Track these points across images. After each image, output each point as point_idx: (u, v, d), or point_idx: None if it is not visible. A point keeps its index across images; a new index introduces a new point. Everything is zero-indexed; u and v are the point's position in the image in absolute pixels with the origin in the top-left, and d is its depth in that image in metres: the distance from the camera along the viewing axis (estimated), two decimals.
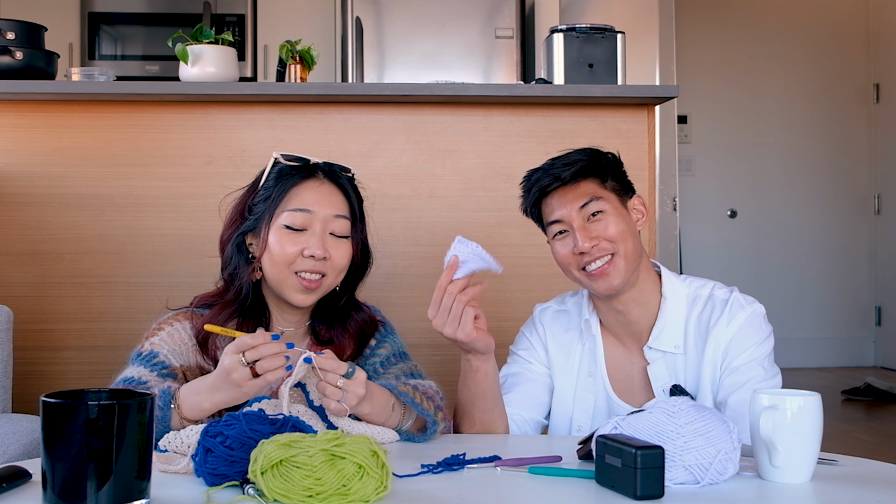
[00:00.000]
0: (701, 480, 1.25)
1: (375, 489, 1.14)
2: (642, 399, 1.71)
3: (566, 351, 1.79)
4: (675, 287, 1.74)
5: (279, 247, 1.60)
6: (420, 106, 2.56)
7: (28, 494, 1.18)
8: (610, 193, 1.70)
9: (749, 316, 1.68)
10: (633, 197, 1.75)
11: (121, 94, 2.48)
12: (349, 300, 1.72)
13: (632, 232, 1.69)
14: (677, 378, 1.70)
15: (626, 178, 1.76)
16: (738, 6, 6.16)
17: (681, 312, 1.72)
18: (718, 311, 1.69)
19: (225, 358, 1.41)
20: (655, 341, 1.70)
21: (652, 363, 1.71)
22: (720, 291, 1.73)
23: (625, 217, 1.70)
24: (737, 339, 1.67)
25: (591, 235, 1.66)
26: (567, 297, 1.87)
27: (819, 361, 6.04)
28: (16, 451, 1.77)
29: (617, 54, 2.63)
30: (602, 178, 1.70)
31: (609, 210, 1.68)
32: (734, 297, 1.71)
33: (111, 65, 4.73)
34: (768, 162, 6.13)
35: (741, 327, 1.67)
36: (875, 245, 6.14)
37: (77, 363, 2.46)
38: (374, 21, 4.47)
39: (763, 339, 1.68)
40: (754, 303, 1.71)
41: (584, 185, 1.69)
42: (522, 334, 1.87)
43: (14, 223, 2.47)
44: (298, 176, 1.63)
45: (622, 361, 1.75)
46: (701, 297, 1.73)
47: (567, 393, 1.78)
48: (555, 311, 1.85)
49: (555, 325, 1.83)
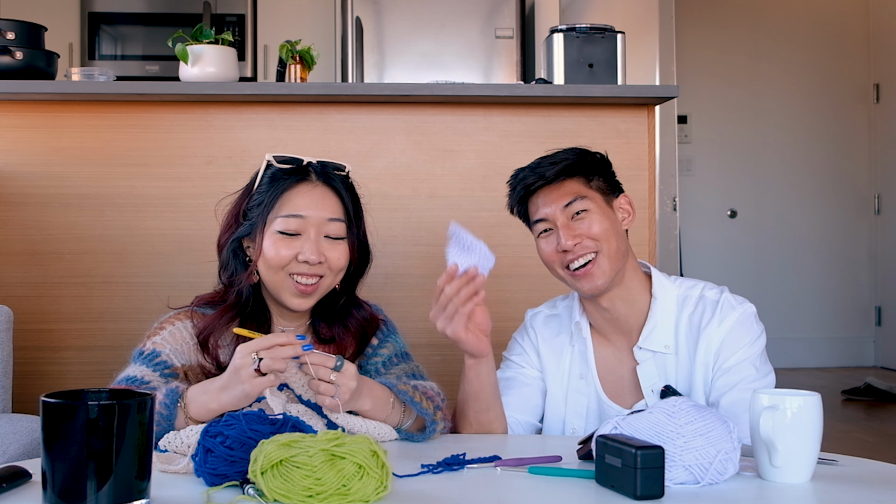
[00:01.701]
0: (701, 480, 1.25)
1: (375, 489, 1.14)
2: (632, 400, 1.71)
3: (557, 354, 1.80)
4: (665, 287, 1.74)
5: (274, 252, 1.60)
6: (420, 106, 2.55)
7: (28, 494, 1.18)
8: (595, 193, 1.71)
9: (740, 316, 1.69)
10: (619, 196, 1.75)
11: (121, 94, 2.48)
12: (349, 298, 1.72)
13: (616, 231, 1.70)
14: (668, 378, 1.70)
15: (614, 177, 1.77)
16: (738, 6, 6.16)
17: (671, 313, 1.72)
18: (710, 311, 1.69)
19: (237, 356, 1.41)
20: (645, 341, 1.71)
21: (641, 363, 1.71)
22: (710, 292, 1.73)
23: (609, 216, 1.70)
24: (728, 340, 1.67)
25: (574, 234, 1.67)
26: (558, 300, 1.88)
27: (819, 361, 6.04)
28: (16, 451, 1.77)
29: (617, 54, 2.63)
30: (587, 178, 1.71)
31: (593, 209, 1.68)
32: (724, 297, 1.71)
33: (111, 65, 4.73)
34: (768, 162, 6.13)
35: (732, 327, 1.67)
36: (875, 245, 6.14)
37: (77, 363, 2.46)
38: (374, 21, 4.47)
39: (755, 339, 1.68)
40: (745, 302, 1.71)
41: (568, 184, 1.70)
42: (515, 340, 1.87)
43: (14, 223, 2.47)
44: (291, 179, 1.63)
45: (612, 362, 1.75)
46: (691, 297, 1.73)
47: (559, 396, 1.78)
48: (546, 315, 1.86)
49: (546, 329, 1.83)
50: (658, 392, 1.68)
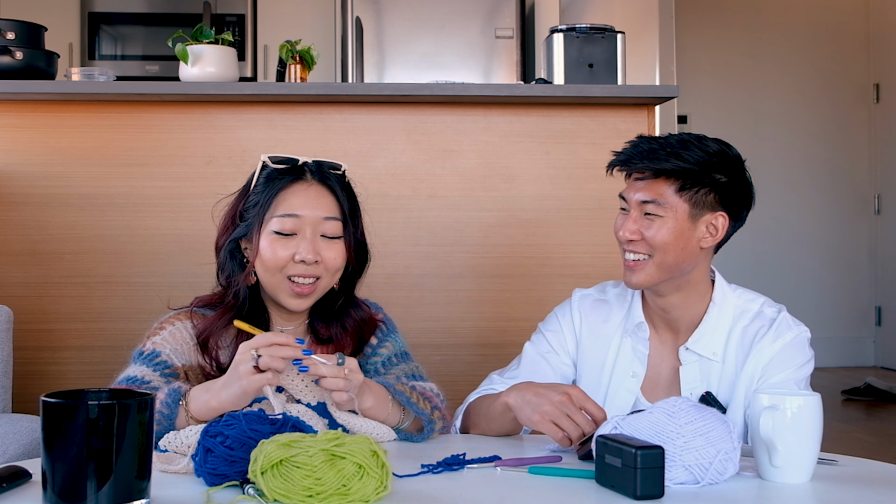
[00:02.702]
0: (701, 480, 1.25)
1: (375, 489, 1.14)
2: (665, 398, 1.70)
3: (602, 343, 1.76)
4: (726, 296, 1.72)
5: (270, 252, 1.60)
6: (420, 106, 2.56)
7: (28, 494, 1.18)
8: (683, 203, 1.63)
9: (795, 338, 1.68)
10: (717, 213, 1.65)
11: (121, 94, 2.48)
12: (347, 298, 1.72)
13: (681, 247, 1.64)
14: (709, 385, 1.68)
15: (737, 195, 1.66)
16: (738, 7, 6.16)
17: (726, 321, 1.70)
18: (766, 327, 1.69)
19: (239, 353, 1.43)
20: (695, 344, 1.69)
21: (685, 365, 1.69)
22: (769, 309, 1.72)
23: (683, 231, 1.64)
24: (779, 358, 1.66)
25: (635, 229, 1.64)
26: (608, 286, 1.84)
27: (819, 361, 5.93)
28: (16, 451, 1.77)
29: (617, 54, 2.63)
30: (686, 187, 1.62)
31: (667, 218, 1.63)
32: (782, 316, 1.70)
33: (111, 65, 4.72)
34: (768, 162, 6.12)
35: (785, 347, 1.67)
36: (875, 245, 6.14)
37: (77, 363, 2.46)
38: (374, 21, 4.47)
39: (804, 363, 1.68)
40: (801, 325, 1.71)
41: (657, 184, 1.63)
42: (555, 315, 1.83)
43: (14, 223, 2.47)
44: (286, 179, 1.63)
45: (653, 357, 1.73)
46: (749, 311, 1.72)
47: (594, 384, 1.74)
48: (595, 300, 1.82)
49: (593, 314, 1.79)
50: (697, 397, 1.66)
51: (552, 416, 1.46)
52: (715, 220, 1.66)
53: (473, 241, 2.55)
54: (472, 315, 2.54)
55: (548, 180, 2.58)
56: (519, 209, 2.57)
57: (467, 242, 2.55)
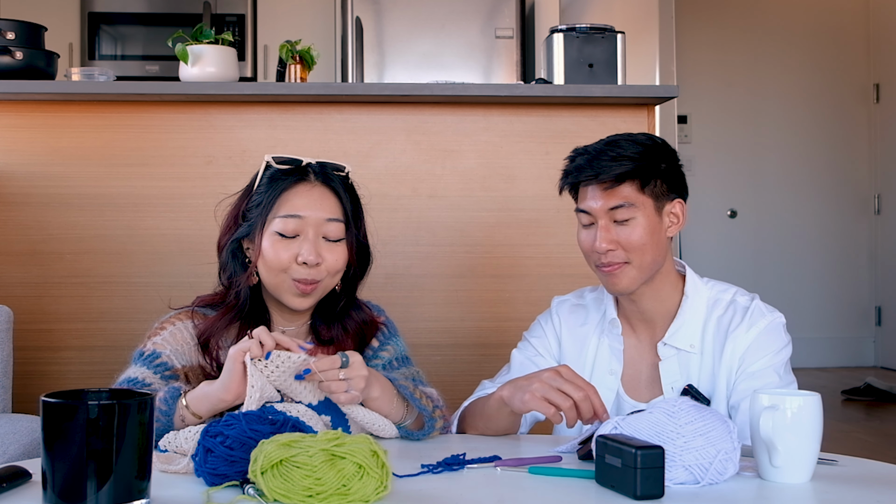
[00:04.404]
0: (701, 480, 1.25)
1: (375, 489, 1.14)
2: (649, 395, 1.71)
3: (581, 345, 1.79)
4: (697, 288, 1.74)
5: (273, 253, 1.60)
6: (420, 106, 2.56)
7: (28, 494, 1.18)
8: (647, 199, 1.66)
9: (769, 324, 1.69)
10: (674, 200, 1.70)
11: (121, 94, 2.48)
12: (349, 300, 1.72)
13: (655, 242, 1.67)
14: (690, 378, 1.69)
15: (679, 179, 1.71)
16: (738, 7, 6.16)
17: (700, 313, 1.72)
18: (739, 316, 1.70)
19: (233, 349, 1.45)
20: (671, 338, 1.70)
21: (664, 360, 1.71)
22: (742, 298, 1.73)
23: (653, 226, 1.66)
24: (755, 345, 1.67)
25: (611, 238, 1.65)
26: (586, 291, 1.87)
27: (819, 361, 6.03)
28: (16, 451, 1.77)
29: (617, 54, 2.63)
30: (644, 182, 1.66)
31: (639, 217, 1.65)
32: (755, 304, 1.72)
33: (111, 65, 4.73)
34: (768, 162, 6.13)
35: (760, 334, 1.68)
36: (875, 245, 6.14)
37: (77, 363, 2.46)
38: (374, 21, 4.47)
39: (781, 348, 1.69)
40: (775, 311, 1.72)
41: (621, 189, 1.65)
42: (538, 323, 1.87)
43: (14, 223, 2.47)
44: (290, 180, 1.63)
45: (632, 355, 1.75)
46: (722, 300, 1.73)
47: None
48: (572, 304, 1.85)
49: (571, 318, 1.82)
50: (679, 390, 1.67)
51: (542, 392, 1.48)
52: (674, 208, 1.70)
53: (473, 241, 2.55)
54: (472, 315, 2.54)
55: (548, 180, 2.57)
56: (519, 209, 2.57)
57: (467, 242, 2.55)
